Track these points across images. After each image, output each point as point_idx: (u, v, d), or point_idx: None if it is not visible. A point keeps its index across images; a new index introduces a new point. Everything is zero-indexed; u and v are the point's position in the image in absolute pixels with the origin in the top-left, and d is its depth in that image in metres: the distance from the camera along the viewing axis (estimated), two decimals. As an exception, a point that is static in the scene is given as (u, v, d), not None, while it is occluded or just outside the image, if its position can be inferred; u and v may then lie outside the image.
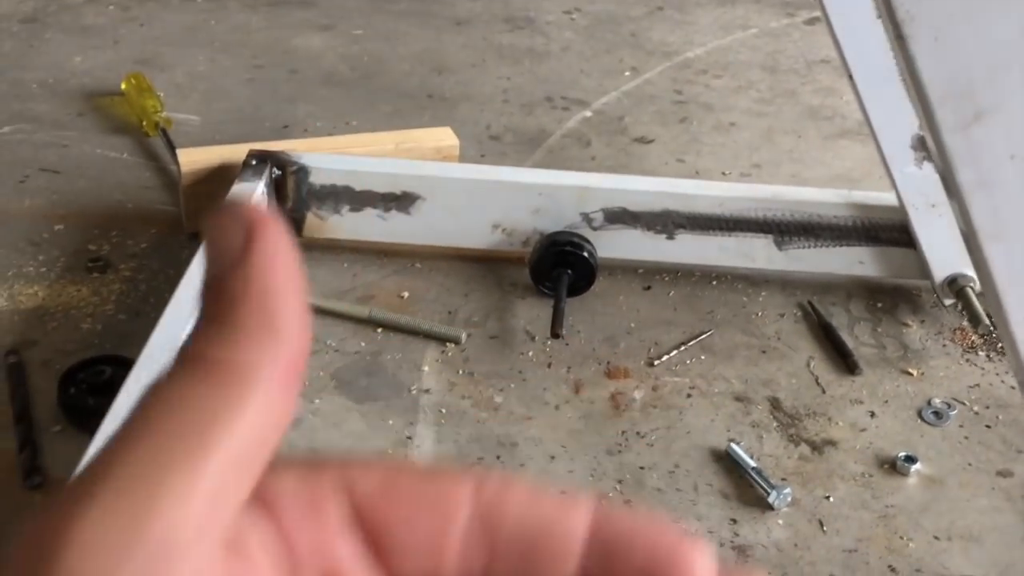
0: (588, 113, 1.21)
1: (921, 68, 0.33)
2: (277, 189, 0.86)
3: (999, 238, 0.36)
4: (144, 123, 1.05)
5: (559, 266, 0.85)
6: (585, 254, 0.85)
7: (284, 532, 0.19)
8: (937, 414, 0.75)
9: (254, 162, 0.84)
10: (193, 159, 0.88)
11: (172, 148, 0.98)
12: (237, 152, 0.88)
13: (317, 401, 0.74)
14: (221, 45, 1.29)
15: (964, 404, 0.77)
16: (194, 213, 0.89)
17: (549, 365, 0.79)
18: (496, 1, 1.51)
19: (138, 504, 0.16)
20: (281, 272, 0.19)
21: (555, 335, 0.80)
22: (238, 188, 0.81)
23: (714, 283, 0.90)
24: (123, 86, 1.10)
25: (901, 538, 0.65)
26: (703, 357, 0.82)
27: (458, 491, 0.19)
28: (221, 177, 0.88)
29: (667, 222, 0.87)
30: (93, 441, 0.59)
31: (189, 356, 0.18)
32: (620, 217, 0.87)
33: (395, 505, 0.19)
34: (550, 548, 0.19)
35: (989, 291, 0.38)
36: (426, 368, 0.78)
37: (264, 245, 0.18)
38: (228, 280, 0.18)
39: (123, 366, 0.70)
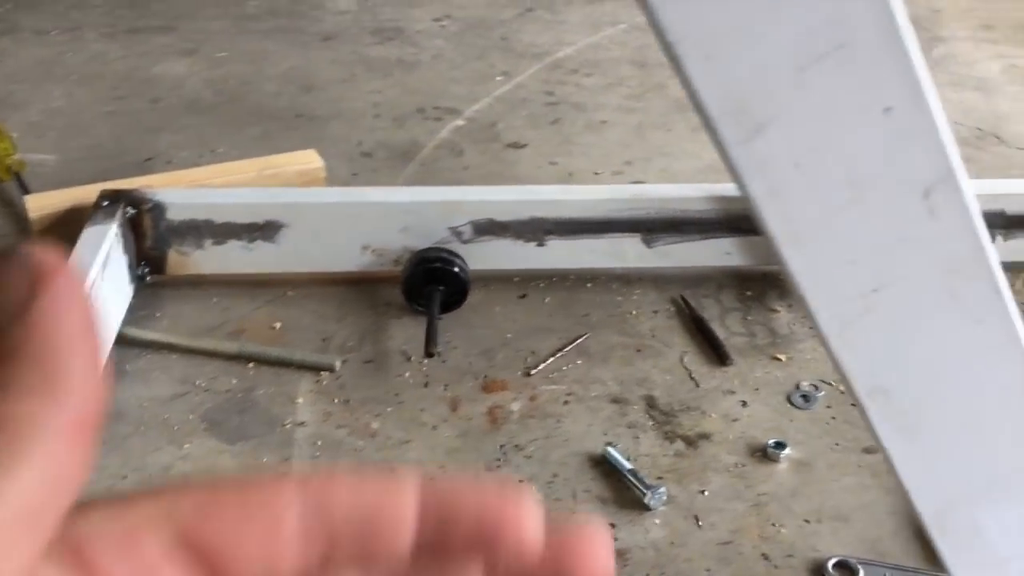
0: (461, 122, 1.20)
1: (697, 87, 0.33)
2: (134, 228, 0.83)
3: (796, 242, 0.37)
4: (-4, 168, 1.01)
5: (431, 283, 0.84)
6: (456, 269, 0.85)
7: (98, 574, 0.18)
8: (805, 397, 0.77)
9: (106, 203, 0.82)
10: (42, 204, 0.85)
11: (25, 192, 0.95)
12: (90, 193, 0.85)
13: (187, 446, 0.72)
14: (78, 78, 1.25)
15: (831, 385, 0.78)
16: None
17: (426, 384, 0.79)
18: (364, 13, 1.50)
19: None
20: (67, 324, 0.18)
21: (429, 354, 0.80)
22: (90, 231, 0.79)
23: (589, 285, 0.91)
24: (-28, 130, 1.06)
25: (773, 525, 0.67)
26: (579, 362, 0.82)
27: (282, 493, 0.19)
28: (75, 220, 0.85)
29: (536, 229, 0.88)
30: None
31: None
32: (489, 228, 0.87)
33: (219, 521, 0.19)
34: (384, 527, 0.19)
35: (796, 293, 0.39)
36: (300, 400, 0.77)
37: (51, 295, 0.18)
38: (7, 332, 0.18)
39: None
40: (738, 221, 0.88)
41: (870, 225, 0.37)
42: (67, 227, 0.86)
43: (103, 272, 0.76)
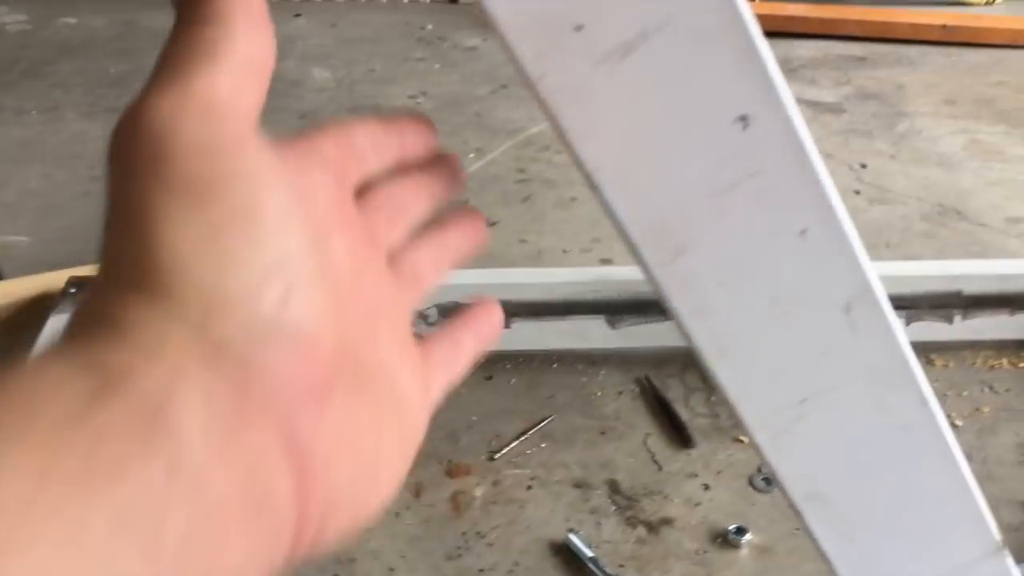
0: (433, 199, 1.22)
1: (617, 213, 0.34)
2: (101, 314, 0.84)
3: (723, 357, 0.38)
4: (-32, 251, 1.02)
5: (396, 366, 0.85)
6: (421, 352, 0.85)
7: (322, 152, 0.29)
8: (767, 480, 0.78)
9: (73, 290, 0.83)
10: (9, 291, 0.86)
11: (-3, 276, 0.95)
12: (59, 279, 0.86)
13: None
14: (56, 158, 1.27)
15: (793, 468, 0.79)
16: (18, 347, 0.86)
17: (390, 469, 0.79)
18: (342, 90, 1.52)
19: (179, 81, 0.23)
20: None
21: (394, 438, 0.80)
22: (55, 320, 0.79)
23: (555, 366, 0.91)
24: (-54, 213, 1.07)
25: (733, 614, 0.67)
26: (544, 445, 0.82)
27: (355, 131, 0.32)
28: (44, 305, 0.86)
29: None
30: None
31: (176, 26, 0.24)
32: (454, 311, 0.88)
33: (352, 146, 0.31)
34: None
35: (726, 402, 0.40)
36: (262, 487, 0.77)
37: None
38: None
39: None
40: (701, 302, 0.89)
41: (795, 339, 0.38)
42: (35, 314, 0.87)
43: (67, 360, 0.77)
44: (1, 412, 0.18)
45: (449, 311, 0.87)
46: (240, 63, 0.24)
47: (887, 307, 0.37)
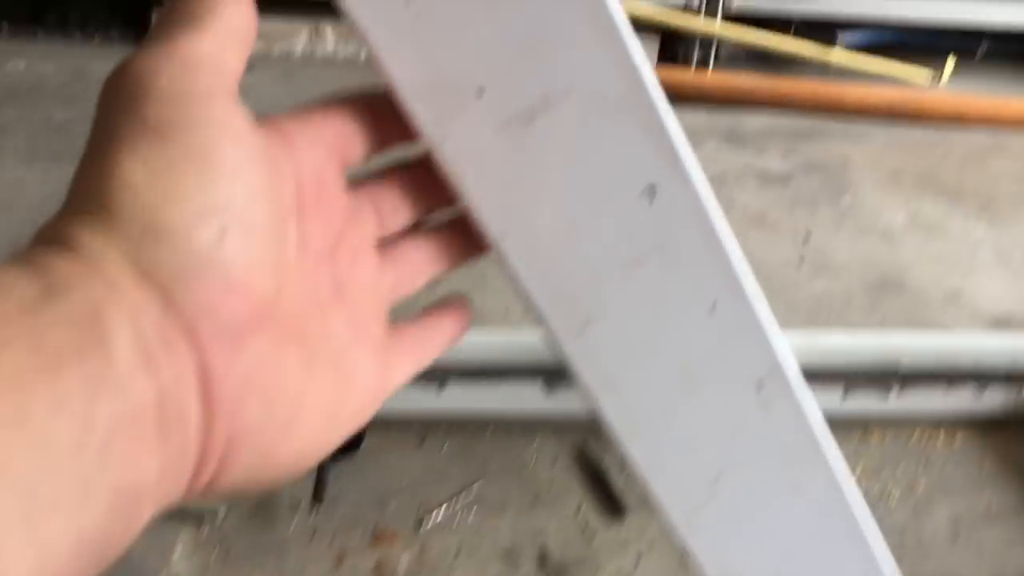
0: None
1: (524, 282, 0.34)
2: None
3: (634, 433, 0.37)
4: None
5: (326, 427, 0.83)
6: (352, 413, 0.83)
7: (289, 135, 0.31)
8: (700, 554, 0.76)
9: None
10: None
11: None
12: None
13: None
14: (-10, 204, 1.24)
15: (726, 541, 0.77)
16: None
17: (313, 535, 0.76)
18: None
19: (166, 41, 0.26)
20: None
21: (318, 501, 0.77)
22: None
23: (490, 431, 0.90)
24: None
25: None
26: (474, 511, 0.80)
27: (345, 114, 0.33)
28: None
29: (434, 374, 0.87)
30: None
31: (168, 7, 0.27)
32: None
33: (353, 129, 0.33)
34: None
35: (639, 482, 0.39)
36: (178, 552, 0.74)
37: None
38: None
39: None
40: (639, 369, 0.88)
41: (707, 416, 0.37)
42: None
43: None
44: None
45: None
46: (222, 29, 0.27)
47: (799, 385, 0.36)
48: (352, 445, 0.84)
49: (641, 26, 1.86)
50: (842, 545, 0.40)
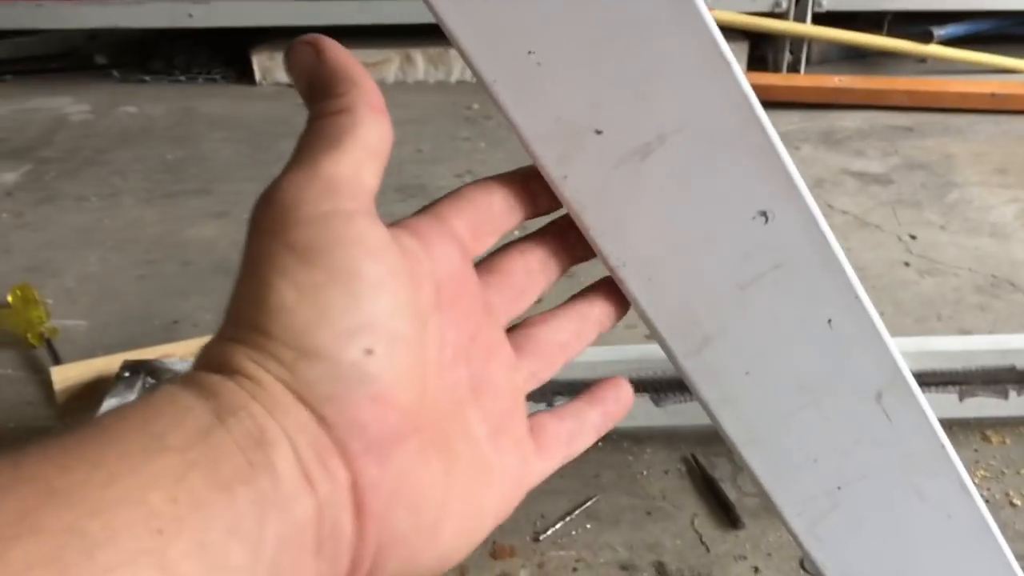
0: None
1: (643, 306, 0.35)
2: (154, 397, 0.86)
3: (754, 445, 0.38)
4: (29, 335, 1.05)
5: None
6: (466, 431, 0.86)
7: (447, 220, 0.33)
8: (818, 563, 0.76)
9: (127, 373, 0.85)
10: (67, 376, 0.88)
11: (56, 360, 0.98)
12: (113, 363, 0.88)
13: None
14: (114, 243, 1.31)
15: (844, 549, 0.77)
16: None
17: (435, 551, 0.79)
18: (389, 171, 1.55)
19: (308, 165, 0.28)
20: (342, 53, 0.30)
21: (438, 520, 0.80)
22: (109, 403, 0.81)
23: (600, 444, 0.91)
24: (9, 298, 1.11)
25: None
26: (589, 525, 0.82)
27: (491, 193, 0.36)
28: (101, 389, 0.88)
29: (545, 390, 0.89)
30: None
31: (311, 118, 0.29)
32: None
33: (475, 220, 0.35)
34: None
35: (759, 490, 0.40)
36: None
37: (324, 44, 0.30)
38: (315, 71, 0.29)
39: None
40: (746, 379, 0.88)
41: (827, 427, 0.38)
42: (92, 397, 0.89)
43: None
44: (149, 421, 0.24)
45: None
46: (359, 148, 0.28)
47: (918, 393, 0.37)
48: (467, 463, 0.86)
49: (730, 31, 1.85)
50: (971, 550, 0.40)
